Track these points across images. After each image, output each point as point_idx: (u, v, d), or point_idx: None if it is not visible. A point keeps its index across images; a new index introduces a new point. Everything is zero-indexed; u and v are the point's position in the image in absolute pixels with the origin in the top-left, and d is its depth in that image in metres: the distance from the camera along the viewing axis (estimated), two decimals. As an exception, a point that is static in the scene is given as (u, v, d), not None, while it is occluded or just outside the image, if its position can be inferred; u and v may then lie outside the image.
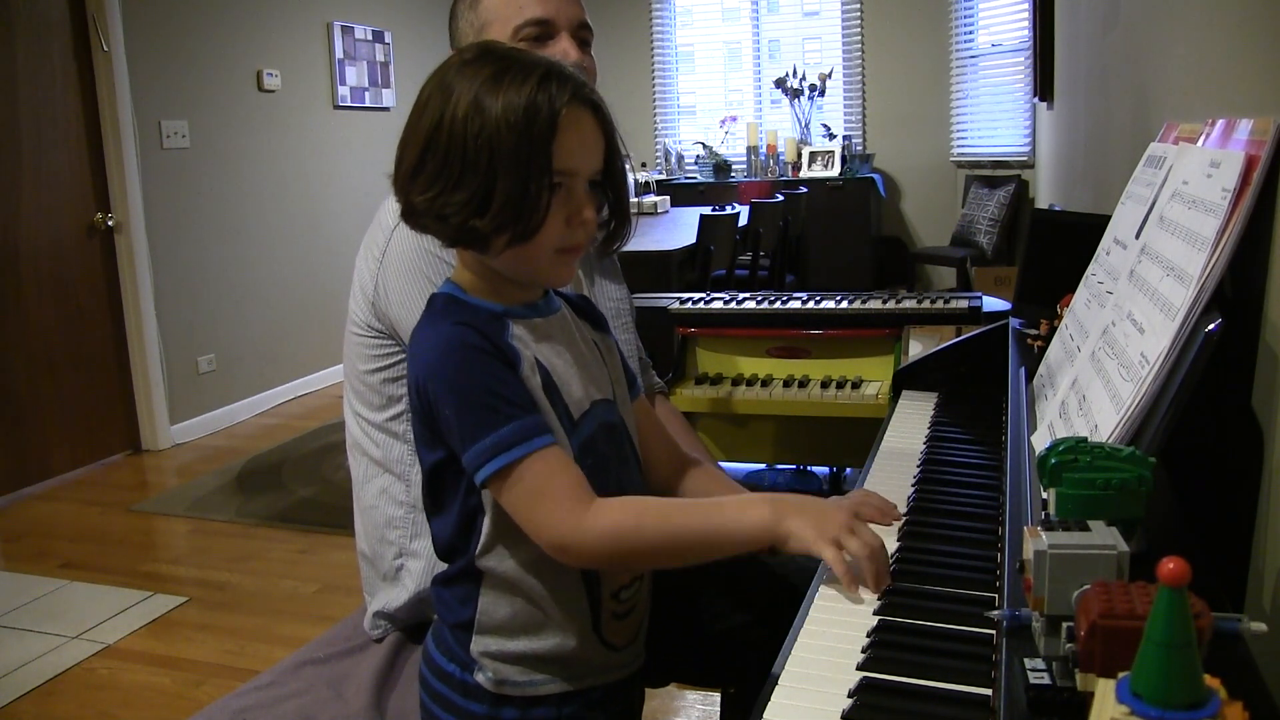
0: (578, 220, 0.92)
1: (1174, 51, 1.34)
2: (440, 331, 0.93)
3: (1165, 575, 0.44)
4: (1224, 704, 0.45)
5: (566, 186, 0.91)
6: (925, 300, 2.19)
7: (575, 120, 0.90)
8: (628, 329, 1.54)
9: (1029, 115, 5.78)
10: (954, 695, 0.75)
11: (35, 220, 3.85)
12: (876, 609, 0.90)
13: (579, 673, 0.99)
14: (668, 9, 7.10)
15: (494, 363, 0.90)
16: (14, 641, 2.64)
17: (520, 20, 1.37)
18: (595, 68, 1.45)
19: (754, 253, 4.62)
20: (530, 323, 0.96)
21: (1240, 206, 0.79)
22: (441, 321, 0.94)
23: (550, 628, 0.97)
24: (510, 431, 0.88)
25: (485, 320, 0.93)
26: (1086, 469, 0.67)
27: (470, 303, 0.96)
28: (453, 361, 0.90)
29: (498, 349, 0.91)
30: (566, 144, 0.89)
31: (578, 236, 0.93)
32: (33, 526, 3.50)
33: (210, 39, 4.55)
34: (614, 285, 1.55)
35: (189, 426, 4.43)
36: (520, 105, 0.87)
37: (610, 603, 0.99)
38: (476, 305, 0.96)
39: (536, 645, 0.97)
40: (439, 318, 0.95)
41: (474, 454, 0.88)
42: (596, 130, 0.93)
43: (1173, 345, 0.77)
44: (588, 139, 0.92)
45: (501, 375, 0.90)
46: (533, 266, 0.94)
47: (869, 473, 1.28)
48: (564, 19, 1.38)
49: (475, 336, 0.91)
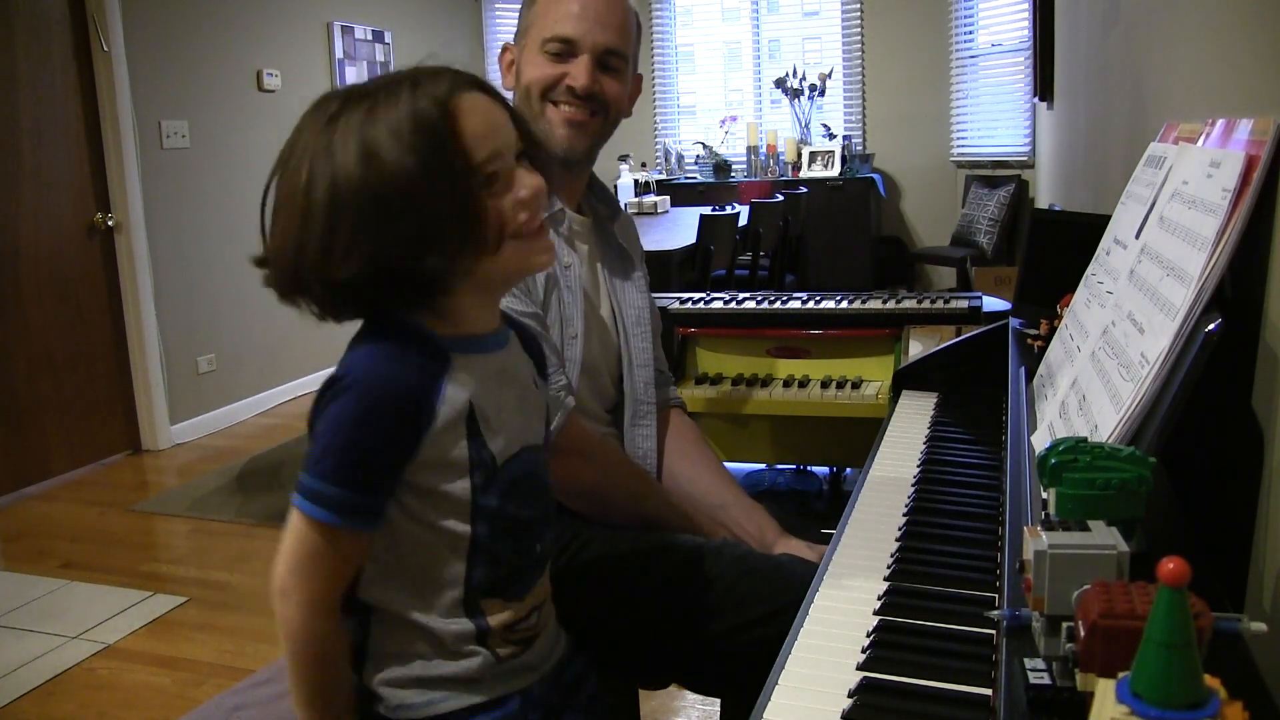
0: (521, 200, 0.87)
1: (1174, 51, 1.34)
2: (375, 360, 0.87)
3: (1165, 575, 0.44)
4: (1224, 704, 0.45)
5: (495, 173, 0.86)
6: (925, 300, 2.19)
7: (469, 107, 0.85)
8: (645, 337, 1.52)
9: (1029, 115, 5.78)
10: (954, 695, 0.75)
11: (35, 220, 3.85)
12: (877, 609, 0.90)
13: (483, 688, 0.93)
14: (668, 9, 7.10)
15: (399, 427, 0.85)
16: (14, 641, 2.64)
17: (549, 34, 1.38)
18: (623, 91, 1.45)
19: (754, 253, 4.62)
20: (476, 359, 0.91)
21: (1240, 206, 0.79)
22: (383, 346, 0.88)
23: (443, 654, 0.92)
24: (337, 495, 0.84)
25: (427, 359, 0.88)
26: (1086, 469, 0.67)
27: (420, 330, 0.89)
28: (363, 404, 0.85)
29: (418, 409, 0.86)
30: (472, 131, 0.84)
31: (531, 213, 0.88)
32: (33, 526, 3.50)
33: (210, 39, 4.55)
34: (637, 294, 1.54)
35: (189, 426, 4.43)
36: (406, 121, 0.81)
37: (501, 636, 0.94)
38: (427, 335, 0.89)
39: (431, 670, 0.91)
40: (382, 339, 0.88)
41: (303, 481, 0.86)
42: (494, 105, 0.88)
43: (1173, 345, 0.77)
44: (491, 117, 0.86)
45: (393, 442, 0.86)
46: (505, 268, 0.89)
47: (869, 473, 1.28)
48: (589, 42, 1.38)
49: (401, 388, 0.86)
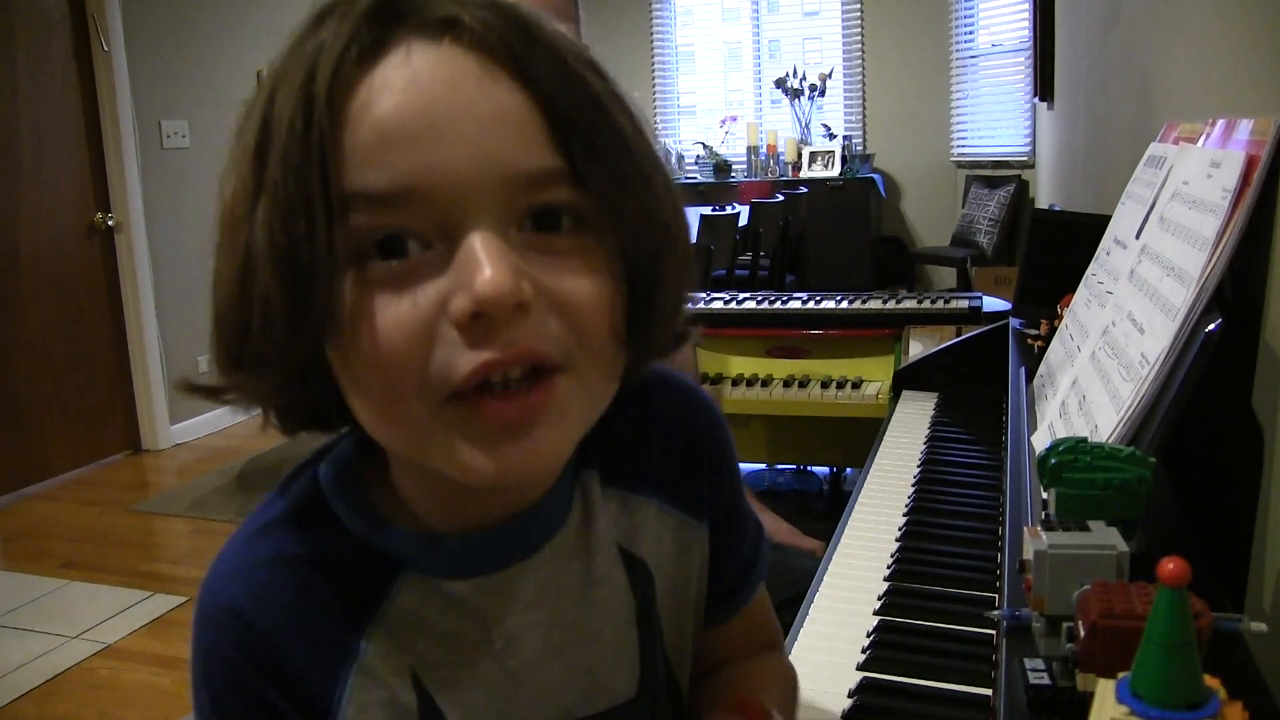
0: (460, 309, 0.49)
1: (1174, 51, 1.34)
2: (227, 608, 0.50)
3: (1165, 575, 0.44)
4: (1224, 704, 0.45)
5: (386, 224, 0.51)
6: (925, 300, 2.20)
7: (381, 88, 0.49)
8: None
9: (1029, 115, 5.78)
10: (954, 695, 0.75)
11: (35, 220, 3.85)
12: (877, 609, 0.90)
13: None
14: (668, 9, 7.10)
15: (251, 692, 0.50)
16: (14, 641, 2.64)
17: None
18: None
19: (754, 253, 4.62)
20: (449, 588, 0.52)
21: (1240, 207, 0.79)
22: (243, 556, 0.52)
23: None
24: None
25: (336, 592, 0.51)
26: (1086, 469, 0.67)
27: (339, 519, 0.52)
28: (201, 639, 0.51)
29: (292, 706, 0.50)
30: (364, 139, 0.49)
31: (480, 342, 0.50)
32: (33, 526, 3.50)
33: (210, 39, 4.54)
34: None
35: (189, 426, 4.43)
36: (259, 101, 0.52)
37: None
38: (353, 530, 0.52)
39: None
40: (252, 541, 0.52)
41: None
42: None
43: (1173, 345, 0.77)
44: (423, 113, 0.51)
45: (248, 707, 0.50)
46: (409, 445, 0.49)
47: (869, 473, 1.28)
48: None
49: (261, 672, 0.49)
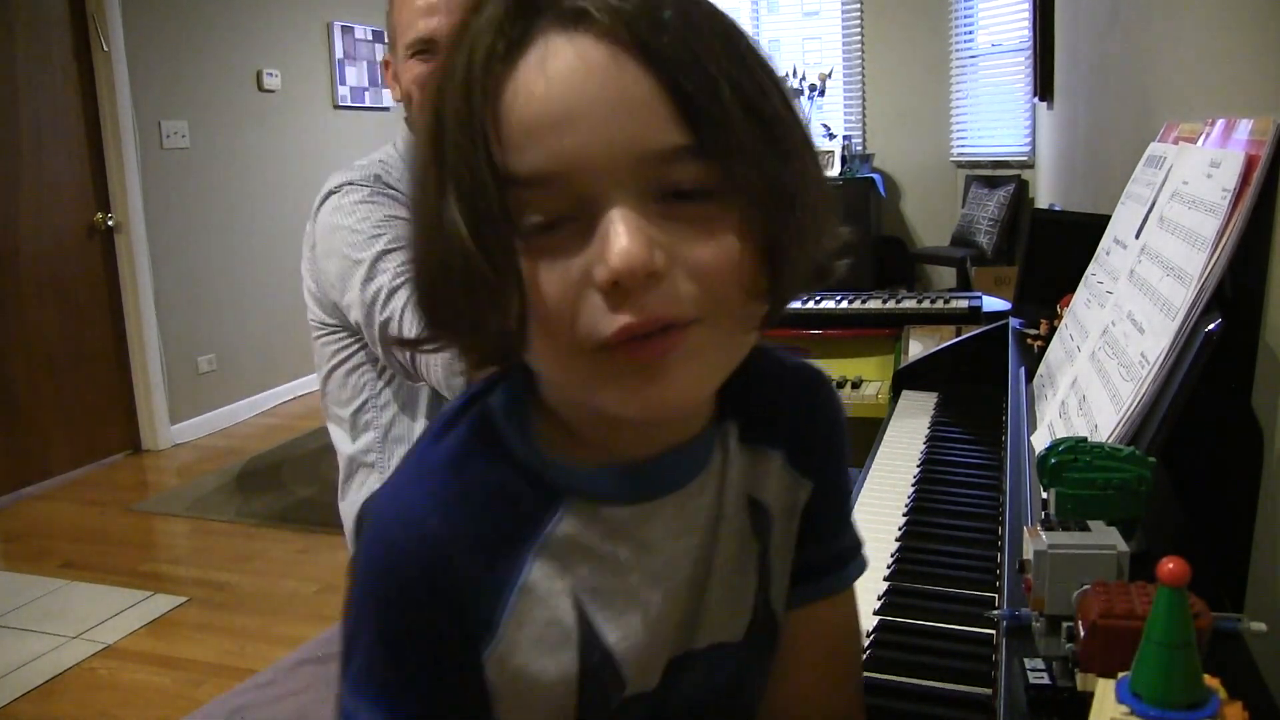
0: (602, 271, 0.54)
1: (1174, 51, 1.34)
2: (408, 485, 0.56)
3: (1165, 575, 0.44)
4: (1224, 704, 0.45)
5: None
6: (925, 300, 2.19)
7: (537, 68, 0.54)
8: None
9: (1029, 115, 5.78)
10: (954, 695, 0.75)
11: (35, 220, 3.85)
12: (877, 609, 0.90)
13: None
14: (668, 9, 7.09)
15: (430, 618, 0.53)
16: (14, 641, 2.64)
17: (409, 38, 1.27)
18: None
19: (754, 253, 4.61)
20: (609, 513, 0.56)
21: (1240, 206, 0.79)
22: (424, 469, 0.56)
23: None
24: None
25: (506, 513, 0.55)
26: (1086, 469, 0.67)
27: (508, 446, 0.56)
28: (374, 570, 0.54)
29: (451, 618, 0.53)
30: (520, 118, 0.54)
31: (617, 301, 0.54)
32: (33, 526, 3.50)
33: (210, 39, 4.54)
34: None
35: (189, 426, 4.43)
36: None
37: None
38: (520, 458, 0.56)
39: None
40: (431, 458, 0.56)
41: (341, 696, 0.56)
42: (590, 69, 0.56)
43: (1173, 345, 0.77)
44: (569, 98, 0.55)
45: (428, 640, 0.54)
46: (556, 379, 0.55)
47: (869, 472, 1.28)
48: (446, 35, 1.33)
49: (428, 580, 0.53)
